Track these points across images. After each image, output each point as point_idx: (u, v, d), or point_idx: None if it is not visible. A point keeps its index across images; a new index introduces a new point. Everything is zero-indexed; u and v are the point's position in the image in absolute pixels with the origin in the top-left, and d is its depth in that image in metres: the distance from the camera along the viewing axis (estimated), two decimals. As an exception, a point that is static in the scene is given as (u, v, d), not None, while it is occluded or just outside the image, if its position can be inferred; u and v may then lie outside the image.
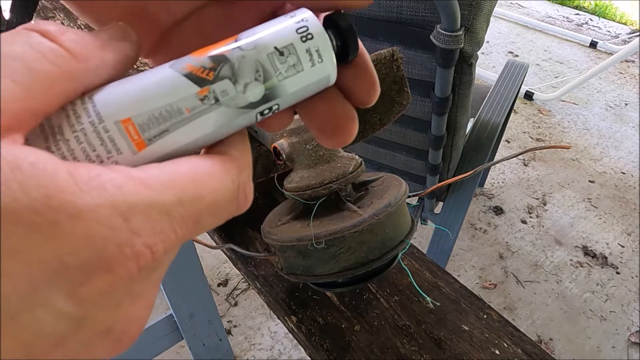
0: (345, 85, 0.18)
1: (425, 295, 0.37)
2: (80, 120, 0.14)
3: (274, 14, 0.18)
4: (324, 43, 0.17)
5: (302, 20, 0.17)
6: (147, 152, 0.14)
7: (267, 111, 0.16)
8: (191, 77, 0.15)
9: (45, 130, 0.13)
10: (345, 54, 0.18)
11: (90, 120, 0.14)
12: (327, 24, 0.18)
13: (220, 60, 0.15)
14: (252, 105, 0.16)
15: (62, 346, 0.11)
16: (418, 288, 0.38)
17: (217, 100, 0.15)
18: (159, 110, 0.14)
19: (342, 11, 0.19)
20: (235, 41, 0.16)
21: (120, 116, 0.14)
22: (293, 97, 0.17)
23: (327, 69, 0.17)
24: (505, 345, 0.34)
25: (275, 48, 0.16)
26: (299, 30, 0.16)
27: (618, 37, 3.06)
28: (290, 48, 0.16)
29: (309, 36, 0.16)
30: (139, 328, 0.13)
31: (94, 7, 0.17)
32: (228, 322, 1.32)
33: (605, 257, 1.55)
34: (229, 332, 1.29)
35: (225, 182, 0.14)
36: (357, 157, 0.33)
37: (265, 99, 0.16)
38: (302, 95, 0.17)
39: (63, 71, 0.13)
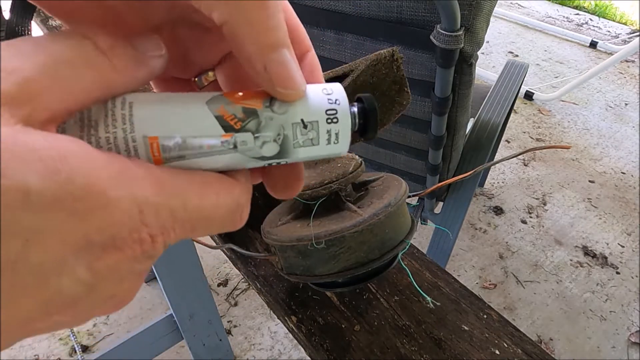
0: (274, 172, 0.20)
1: (426, 295, 0.37)
2: (116, 124, 0.15)
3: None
4: (345, 128, 0.18)
5: (335, 101, 0.18)
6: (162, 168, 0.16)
7: (275, 164, 0.18)
8: (221, 120, 0.16)
9: (83, 121, 0.15)
10: (361, 133, 0.20)
11: (123, 127, 0.15)
12: (357, 99, 0.20)
13: (250, 114, 0.17)
14: (264, 158, 0.17)
15: (73, 307, 0.13)
16: (418, 288, 0.38)
17: (235, 146, 0.17)
18: (183, 139, 0.16)
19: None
20: (270, 99, 0.17)
21: (149, 133, 0.15)
22: (301, 159, 0.18)
23: (339, 148, 0.18)
24: (505, 345, 0.34)
25: (302, 120, 0.17)
26: (328, 112, 0.18)
27: (618, 37, 3.06)
28: (315, 124, 0.17)
29: (335, 119, 0.18)
30: (131, 298, 0.16)
31: (64, 10, 0.17)
32: (228, 322, 1.32)
33: (605, 257, 1.55)
34: (229, 332, 1.29)
35: (227, 200, 0.16)
36: (357, 157, 0.33)
37: (277, 156, 0.17)
38: (310, 159, 0.19)
39: (103, 80, 0.15)
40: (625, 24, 3.28)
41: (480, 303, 0.37)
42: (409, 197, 0.33)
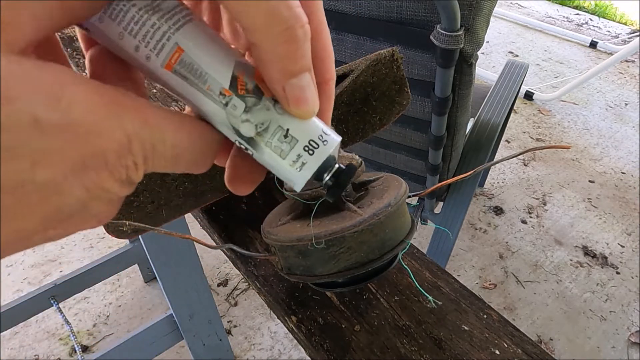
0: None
1: (427, 295, 0.37)
2: (167, 20, 0.17)
3: None
4: (313, 165, 0.19)
5: (324, 141, 0.19)
6: (166, 75, 0.18)
7: (242, 147, 0.19)
8: (233, 79, 0.18)
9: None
10: (327, 188, 0.21)
11: (170, 26, 0.17)
12: (342, 167, 0.21)
13: (257, 93, 0.18)
14: (237, 133, 0.18)
15: (67, 222, 0.15)
16: (420, 288, 0.38)
17: (225, 105, 0.18)
18: (199, 70, 0.18)
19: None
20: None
21: (181, 44, 0.17)
22: (262, 162, 0.19)
23: (296, 177, 0.19)
24: (505, 345, 0.34)
25: (287, 130, 0.18)
26: (311, 141, 0.19)
27: (618, 37, 3.06)
28: (293, 141, 0.18)
29: (311, 151, 0.19)
30: (109, 219, 0.17)
31: None
32: (228, 322, 1.32)
33: (605, 257, 1.55)
34: (229, 332, 1.30)
35: (196, 142, 0.18)
36: (357, 157, 0.33)
37: (247, 141, 0.19)
38: (268, 168, 0.20)
39: (66, 7, 0.16)
40: (625, 24, 3.28)
41: (480, 303, 0.37)
42: (409, 197, 0.33)
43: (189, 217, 0.56)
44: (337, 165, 0.21)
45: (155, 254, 0.88)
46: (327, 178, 0.21)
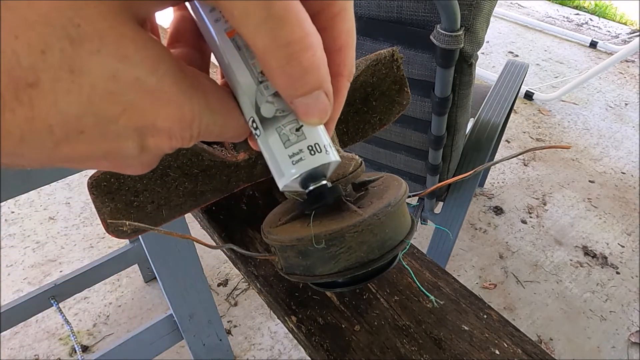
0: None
1: (429, 294, 0.37)
2: None
3: None
4: (307, 166, 0.20)
5: (326, 151, 0.20)
6: (225, 42, 0.19)
7: (253, 126, 0.20)
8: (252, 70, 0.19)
9: None
10: (305, 200, 0.23)
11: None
12: (329, 184, 0.22)
13: None
14: (257, 110, 0.19)
15: (121, 161, 0.17)
16: (422, 288, 0.38)
17: (260, 82, 0.19)
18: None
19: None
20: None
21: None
22: (263, 145, 0.20)
23: (289, 170, 0.20)
24: (505, 345, 0.34)
25: (301, 125, 0.19)
26: (317, 144, 0.19)
27: (618, 37, 3.06)
28: (302, 137, 0.19)
29: (312, 152, 0.20)
30: (146, 171, 0.20)
31: None
32: (228, 322, 1.32)
33: (605, 257, 1.55)
34: (229, 332, 1.29)
35: (236, 126, 0.20)
36: (357, 157, 0.33)
37: (261, 121, 0.19)
38: (265, 153, 0.20)
39: None
40: (625, 24, 3.28)
41: (480, 303, 0.37)
42: (409, 197, 0.33)
43: (189, 217, 0.56)
44: (325, 181, 0.21)
45: (155, 254, 0.88)
46: (312, 187, 0.21)
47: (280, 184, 0.21)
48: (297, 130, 0.19)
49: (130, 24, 0.15)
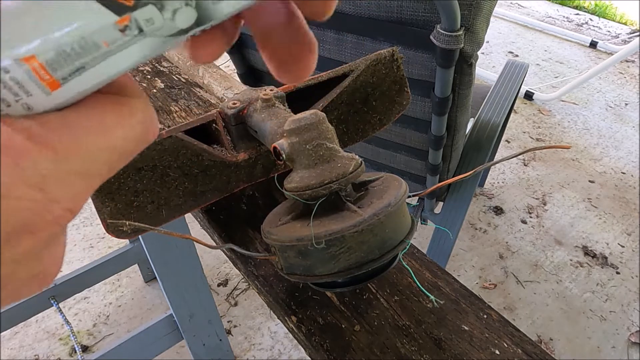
0: None
1: (429, 294, 0.37)
2: None
3: None
4: None
5: None
6: (64, 91, 0.13)
7: (197, 32, 0.14)
8: (107, 3, 0.12)
9: None
10: None
11: None
12: None
13: None
14: (182, 32, 0.14)
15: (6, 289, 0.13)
16: (422, 288, 0.38)
17: (141, 30, 0.13)
18: (69, 45, 0.12)
19: None
20: None
21: (21, 53, 0.12)
22: (226, 16, 0.14)
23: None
24: (505, 345, 0.34)
25: None
26: None
27: (618, 37, 3.06)
28: None
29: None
30: (58, 267, 0.15)
31: None
32: (228, 322, 1.32)
33: (605, 257, 1.55)
34: (229, 332, 1.29)
35: (134, 127, 0.14)
36: (357, 157, 0.33)
37: (197, 23, 0.14)
38: (238, 10, 0.14)
39: None
40: (625, 24, 3.28)
41: (480, 303, 0.37)
42: (409, 197, 0.33)
43: (189, 217, 0.56)
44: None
45: (155, 254, 0.88)
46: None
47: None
48: None
49: None
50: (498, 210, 1.71)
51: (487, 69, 2.54)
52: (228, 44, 0.16)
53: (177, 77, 0.67)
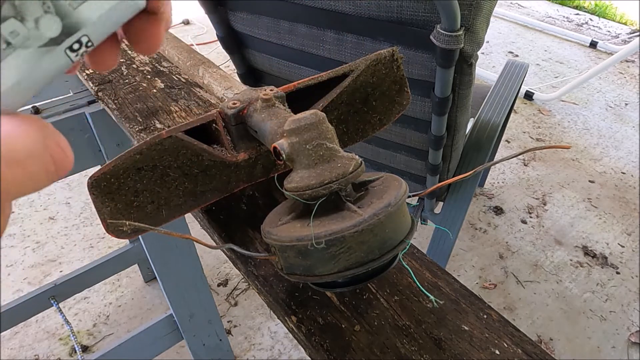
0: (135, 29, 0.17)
1: (429, 294, 0.37)
2: None
3: None
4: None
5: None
6: None
7: (77, 46, 0.14)
8: None
9: None
10: None
11: None
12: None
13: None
14: (55, 42, 0.14)
15: None
16: (422, 288, 0.38)
17: (8, 43, 0.13)
18: None
19: None
20: None
21: None
22: (102, 25, 0.14)
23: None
24: (505, 345, 0.34)
25: None
26: None
27: (618, 37, 3.06)
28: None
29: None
30: None
31: None
32: (228, 322, 1.32)
33: (605, 257, 1.55)
34: (229, 332, 1.29)
35: (35, 145, 0.13)
36: (357, 157, 0.33)
37: (67, 31, 0.14)
38: (114, 22, 0.15)
39: None
40: (625, 24, 3.28)
41: (480, 303, 0.37)
42: (409, 197, 0.33)
43: (189, 217, 0.56)
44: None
45: (155, 254, 0.88)
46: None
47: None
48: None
49: None
50: (498, 210, 1.71)
51: (487, 69, 2.54)
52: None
53: (177, 77, 0.67)
